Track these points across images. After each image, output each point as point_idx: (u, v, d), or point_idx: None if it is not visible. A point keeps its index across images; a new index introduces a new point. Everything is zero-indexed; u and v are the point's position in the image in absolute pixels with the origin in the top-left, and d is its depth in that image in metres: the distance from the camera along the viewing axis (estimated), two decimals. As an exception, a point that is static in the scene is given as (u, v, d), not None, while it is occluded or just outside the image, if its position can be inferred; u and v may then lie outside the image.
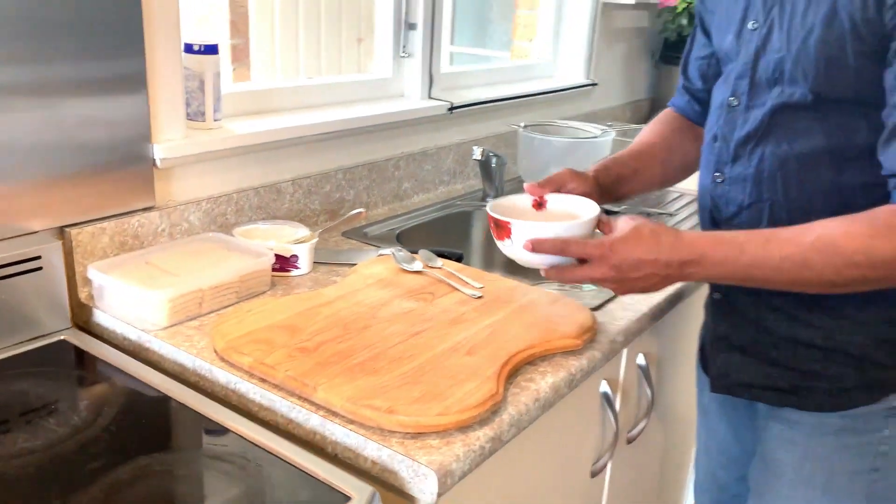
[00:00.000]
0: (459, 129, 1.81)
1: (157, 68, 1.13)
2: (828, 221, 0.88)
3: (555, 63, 2.26)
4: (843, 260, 0.85)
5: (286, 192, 1.40)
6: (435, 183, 1.76)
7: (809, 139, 0.94)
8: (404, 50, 1.69)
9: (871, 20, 0.85)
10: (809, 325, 1.00)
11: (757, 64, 0.98)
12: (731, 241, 0.90)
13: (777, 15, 0.95)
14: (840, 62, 0.89)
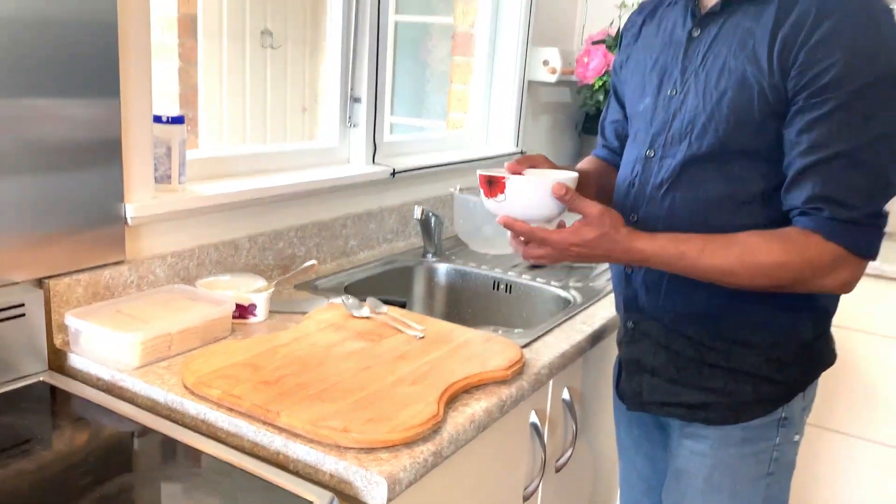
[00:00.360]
0: (401, 191, 1.98)
1: (131, 137, 1.27)
2: (750, 237, 1.06)
3: (486, 133, 2.46)
4: (762, 271, 1.05)
5: (243, 248, 1.53)
6: (379, 240, 1.92)
7: (713, 186, 1.12)
8: (350, 121, 1.86)
9: (776, 86, 1.04)
10: (713, 349, 1.17)
11: (673, 122, 1.16)
12: (673, 249, 1.08)
13: (693, 83, 1.14)
14: (747, 119, 1.07)
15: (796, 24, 1.02)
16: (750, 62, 1.07)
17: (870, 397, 2.17)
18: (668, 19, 1.24)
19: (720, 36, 1.12)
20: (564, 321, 1.49)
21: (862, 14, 1.00)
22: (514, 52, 2.38)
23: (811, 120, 1.02)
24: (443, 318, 1.57)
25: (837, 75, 0.99)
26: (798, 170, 1.04)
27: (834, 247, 1.02)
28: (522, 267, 1.87)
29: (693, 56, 1.15)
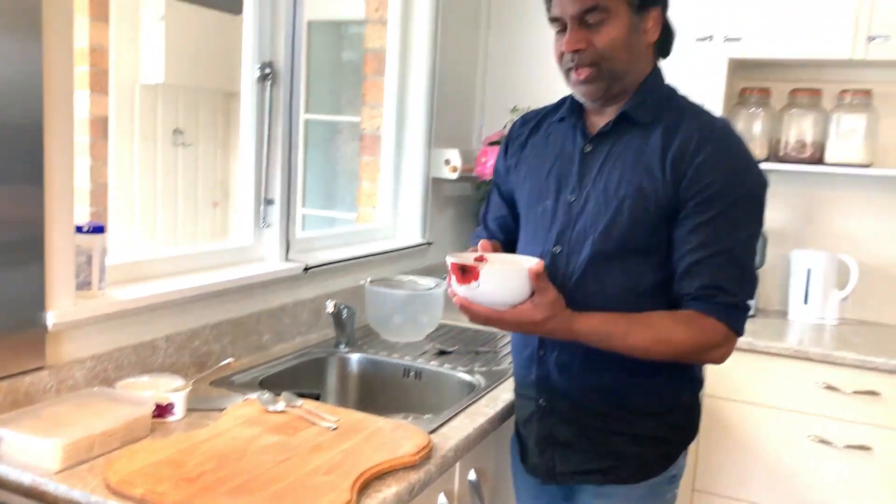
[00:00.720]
0: (314, 285, 2.08)
1: (54, 247, 1.33)
2: (662, 319, 1.26)
3: (395, 226, 2.61)
4: (672, 348, 1.26)
5: (160, 348, 1.59)
6: (292, 334, 2.00)
7: (614, 280, 1.31)
8: (264, 221, 1.96)
9: (668, 195, 1.27)
10: (618, 419, 1.36)
11: (576, 224, 1.34)
12: (604, 331, 1.25)
13: (591, 190, 1.33)
14: (643, 222, 1.28)
15: (682, 147, 1.27)
16: (645, 175, 1.29)
17: (746, 461, 2.36)
18: (556, 133, 1.45)
19: (613, 152, 1.34)
20: (469, 405, 1.61)
21: (731, 144, 1.29)
22: (419, 152, 2.56)
23: (699, 223, 1.25)
24: (356, 407, 1.66)
25: (718, 190, 1.24)
26: (691, 262, 1.26)
27: (722, 327, 1.25)
28: (431, 354, 1.99)
29: (589, 168, 1.35)
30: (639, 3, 1.29)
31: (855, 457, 2.24)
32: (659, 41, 1.35)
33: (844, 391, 2.24)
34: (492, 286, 1.19)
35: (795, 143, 2.62)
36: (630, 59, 1.31)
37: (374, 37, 2.61)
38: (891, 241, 2.65)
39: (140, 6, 3.12)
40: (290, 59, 1.92)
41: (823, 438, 2.27)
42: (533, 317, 1.21)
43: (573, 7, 1.27)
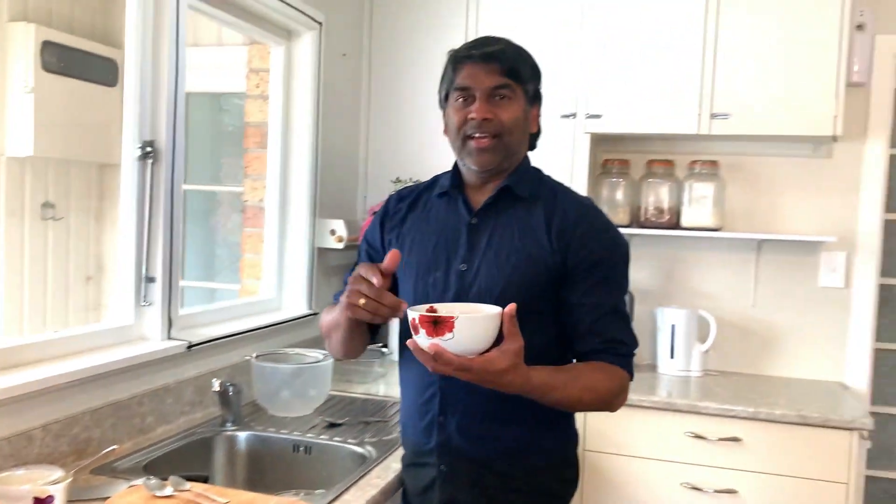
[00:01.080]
0: (198, 363, 2.05)
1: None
2: (586, 370, 1.40)
3: (280, 297, 2.62)
4: (598, 397, 1.39)
5: (37, 437, 1.52)
6: (176, 414, 1.95)
7: None
8: (145, 299, 1.93)
9: (556, 262, 1.42)
10: (516, 478, 1.46)
11: (470, 290, 1.43)
12: (550, 384, 1.32)
13: (482, 259, 1.44)
14: (535, 286, 1.41)
15: (563, 221, 1.44)
16: (533, 245, 1.43)
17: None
18: (437, 209, 1.55)
19: (500, 224, 1.47)
20: (360, 478, 1.63)
21: (602, 217, 1.49)
22: (303, 223, 2.60)
23: (589, 285, 1.42)
24: (246, 486, 1.64)
25: (601, 257, 1.43)
26: (592, 321, 1.42)
27: (626, 374, 1.42)
28: (320, 427, 1.99)
29: (478, 239, 1.47)
30: (531, 97, 1.49)
31: (723, 501, 2.40)
32: (534, 134, 1.55)
33: (710, 438, 2.41)
34: (467, 335, 1.19)
35: (654, 210, 2.86)
36: (520, 140, 1.49)
37: (255, 111, 2.66)
38: (742, 297, 2.91)
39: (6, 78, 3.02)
40: (172, 137, 1.93)
41: (694, 485, 2.42)
42: (498, 365, 1.22)
43: (488, 81, 1.42)
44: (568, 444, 1.55)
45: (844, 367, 2.82)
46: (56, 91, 3.11)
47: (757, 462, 2.38)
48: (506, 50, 1.45)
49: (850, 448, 2.31)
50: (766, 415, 2.36)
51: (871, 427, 2.31)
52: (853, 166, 2.78)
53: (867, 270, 2.78)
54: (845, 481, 2.32)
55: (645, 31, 2.65)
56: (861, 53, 2.69)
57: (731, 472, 2.40)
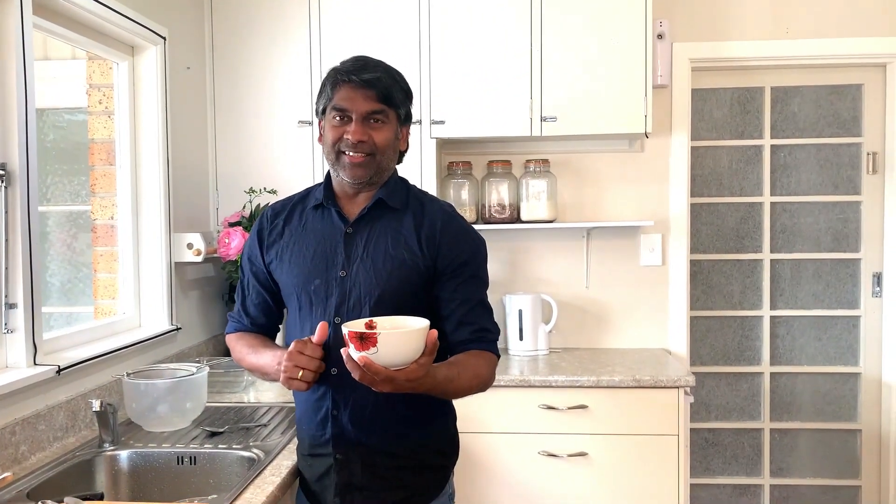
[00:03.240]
0: (67, 387, 2.00)
1: None
2: (468, 360, 1.56)
3: (139, 315, 2.58)
4: (482, 381, 1.59)
5: None
6: (49, 440, 1.91)
7: None
8: (6, 327, 1.87)
9: (427, 265, 1.58)
10: (404, 456, 1.62)
11: (350, 295, 1.57)
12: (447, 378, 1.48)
13: (360, 265, 1.58)
14: (409, 289, 1.57)
15: (431, 227, 1.61)
16: (405, 251, 1.58)
17: (495, 485, 2.70)
18: (312, 220, 1.67)
19: (374, 233, 1.61)
20: (255, 477, 1.70)
21: (463, 223, 1.67)
22: (158, 239, 2.58)
23: (458, 284, 1.60)
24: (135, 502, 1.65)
25: (467, 259, 1.61)
26: (462, 315, 1.60)
27: (495, 358, 1.63)
28: (201, 437, 2.02)
29: (354, 247, 1.60)
30: (403, 119, 1.63)
31: (576, 463, 2.68)
32: (403, 151, 1.70)
33: (560, 408, 2.68)
34: (390, 349, 1.32)
35: (497, 206, 3.10)
36: (391, 158, 1.63)
37: (100, 127, 2.59)
38: (576, 280, 3.23)
39: None
40: (26, 158, 1.88)
41: (550, 452, 2.68)
42: (416, 374, 1.37)
43: (365, 106, 1.55)
44: (446, 421, 1.72)
45: (667, 334, 3.21)
46: None
47: (602, 425, 2.68)
48: (382, 77, 1.57)
49: (678, 404, 2.67)
50: (607, 381, 2.66)
51: (693, 384, 2.67)
52: (662, 158, 3.18)
53: (679, 249, 3.19)
54: (675, 433, 2.67)
55: (481, 42, 2.87)
56: (662, 59, 3.08)
57: (581, 437, 2.68)
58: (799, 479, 3.34)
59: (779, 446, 3.35)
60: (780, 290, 3.32)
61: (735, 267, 3.33)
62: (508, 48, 2.86)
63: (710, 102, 3.30)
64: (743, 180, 3.31)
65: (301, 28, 2.91)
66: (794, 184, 3.30)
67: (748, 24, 3.14)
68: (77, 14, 2.15)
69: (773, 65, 3.21)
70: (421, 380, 1.39)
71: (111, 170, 2.57)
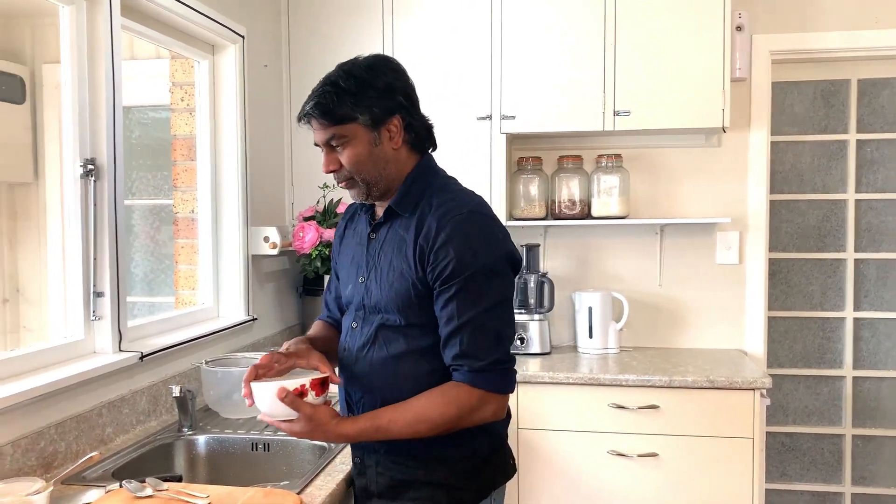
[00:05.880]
0: (149, 373, 2.09)
1: None
2: (419, 400, 1.43)
3: (218, 306, 2.67)
4: (434, 424, 1.43)
5: (6, 454, 1.55)
6: (132, 423, 2.00)
7: (397, 345, 1.50)
8: (95, 314, 1.96)
9: (421, 279, 1.46)
10: (417, 468, 1.51)
11: (365, 301, 1.54)
12: (372, 429, 1.43)
13: (373, 274, 1.53)
14: (409, 303, 1.48)
15: (426, 235, 1.45)
16: (404, 262, 1.48)
17: (562, 482, 2.68)
18: (359, 223, 1.65)
19: (386, 240, 1.53)
20: (326, 465, 1.73)
21: (465, 225, 1.44)
22: (236, 232, 2.66)
23: (445, 300, 1.44)
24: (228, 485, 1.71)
25: (453, 268, 1.42)
26: (445, 336, 1.45)
27: (478, 391, 1.43)
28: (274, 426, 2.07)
29: (373, 253, 1.55)
30: (372, 122, 1.46)
31: (646, 463, 2.64)
32: (412, 139, 1.52)
33: (631, 408, 2.64)
34: (260, 402, 1.42)
35: (567, 202, 3.07)
36: (378, 167, 1.49)
37: (182, 124, 2.69)
38: (649, 277, 3.17)
39: None
40: (113, 153, 1.97)
41: (619, 452, 2.64)
42: (297, 431, 1.41)
43: (319, 137, 1.49)
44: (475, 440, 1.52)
45: (743, 335, 3.12)
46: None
47: (674, 426, 2.62)
48: (319, 101, 1.45)
49: (753, 406, 2.59)
50: (679, 382, 2.60)
51: (769, 386, 2.59)
52: (741, 153, 3.09)
53: (757, 247, 3.09)
54: (750, 436, 2.59)
55: (553, 36, 2.85)
56: (741, 52, 2.99)
57: (652, 437, 2.64)
58: (884, 488, 3.20)
59: (861, 453, 3.21)
60: (865, 290, 3.18)
61: (816, 266, 3.21)
62: (581, 40, 2.83)
63: (791, 96, 3.19)
64: (826, 176, 3.19)
65: (374, 25, 2.94)
66: (881, 180, 3.16)
67: (832, 14, 3.02)
68: (161, 14, 2.23)
69: (860, 56, 3.08)
70: (310, 435, 1.42)
71: (192, 165, 2.67)
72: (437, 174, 1.57)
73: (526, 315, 3.00)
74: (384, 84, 1.47)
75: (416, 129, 1.53)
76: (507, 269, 1.49)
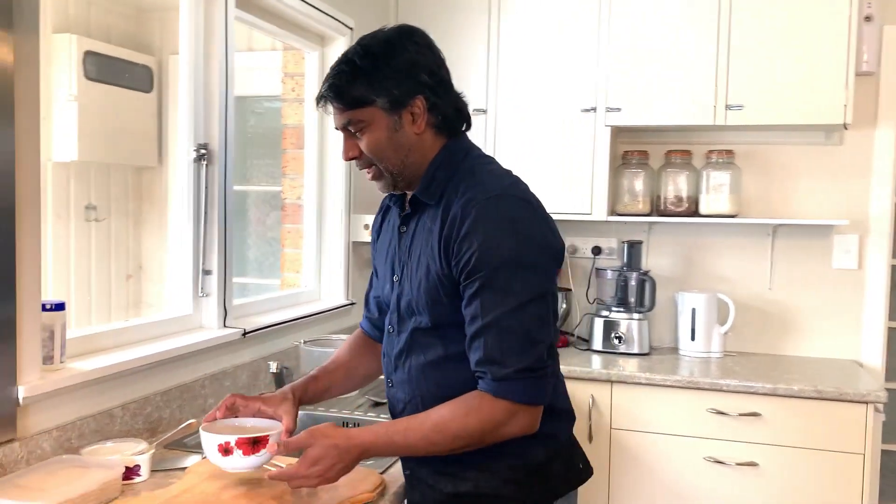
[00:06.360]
0: (251, 349, 2.20)
1: (24, 326, 1.42)
2: (440, 410, 1.29)
3: (320, 289, 2.76)
4: (452, 436, 1.27)
5: (117, 416, 1.67)
6: (233, 397, 2.10)
7: (434, 351, 1.37)
8: (203, 291, 2.08)
9: (448, 275, 1.31)
10: (465, 480, 1.38)
11: (399, 304, 1.41)
12: (384, 435, 1.29)
13: (405, 273, 1.39)
14: (438, 301, 1.33)
15: (451, 224, 1.29)
16: (431, 257, 1.32)
17: (654, 485, 2.61)
18: (392, 216, 1.51)
19: (416, 233, 1.38)
20: (411, 448, 1.76)
21: (493, 212, 1.27)
22: (339, 219, 2.74)
23: (469, 297, 1.28)
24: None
25: (476, 261, 1.25)
26: (468, 338, 1.29)
27: (503, 403, 1.25)
28: (366, 406, 2.14)
29: (404, 249, 1.41)
30: (391, 105, 1.31)
31: (745, 473, 2.53)
32: (439, 122, 1.36)
33: (731, 414, 2.53)
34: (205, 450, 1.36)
35: (673, 198, 2.98)
36: (400, 154, 1.34)
37: (291, 114, 2.80)
38: (758, 280, 3.03)
39: (51, 87, 3.17)
40: (224, 139, 2.08)
41: (717, 459, 2.55)
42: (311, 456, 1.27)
43: (337, 122, 1.36)
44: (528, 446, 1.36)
45: (859, 345, 2.93)
46: (96, 98, 3.26)
47: (776, 435, 2.50)
48: (333, 83, 1.32)
49: (866, 420, 2.43)
50: (784, 390, 2.48)
51: (885, 400, 2.42)
52: (864, 152, 2.90)
53: (879, 252, 2.90)
54: (861, 452, 2.44)
55: (661, 26, 2.77)
56: (869, 43, 2.80)
57: (752, 446, 2.52)
58: None
59: None
60: None
61: (947, 275, 2.98)
62: (693, 30, 2.73)
63: (926, 91, 2.96)
64: (963, 178, 2.94)
65: (481, 16, 2.95)
66: None
67: (978, 1, 2.78)
68: (275, 7, 2.33)
69: None
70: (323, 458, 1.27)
71: (300, 153, 2.77)
72: (467, 155, 1.39)
73: (625, 314, 2.94)
74: (405, 61, 1.31)
75: (442, 111, 1.36)
76: (543, 261, 1.30)
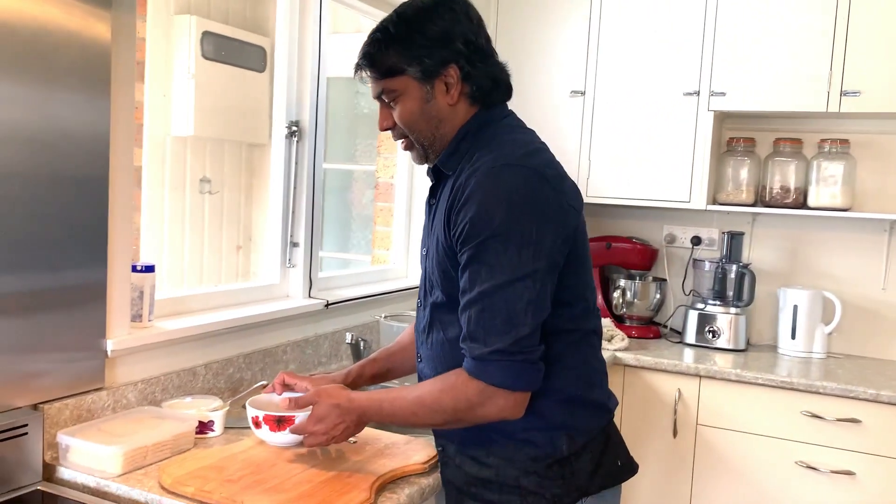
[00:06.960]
0: (333, 320, 2.28)
1: (114, 285, 1.54)
2: (426, 384, 1.28)
3: (407, 267, 2.82)
4: (429, 411, 1.26)
5: (200, 374, 1.78)
6: (314, 364, 2.19)
7: (453, 329, 1.30)
8: (289, 262, 2.17)
9: (450, 246, 1.25)
10: (488, 466, 1.33)
11: (425, 278, 1.38)
12: (377, 401, 1.32)
13: (430, 243, 1.35)
14: (447, 275, 1.28)
15: (455, 193, 1.24)
16: (440, 229, 1.28)
17: (739, 486, 2.50)
18: None
19: (438, 205, 1.34)
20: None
21: (492, 182, 1.19)
22: (429, 198, 2.78)
23: (461, 269, 1.23)
24: (373, 427, 1.82)
25: (468, 231, 1.20)
26: (459, 311, 1.24)
27: (476, 383, 1.20)
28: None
29: (429, 221, 1.39)
30: (424, 74, 1.27)
31: (840, 481, 2.39)
32: (473, 91, 1.31)
33: (828, 419, 2.39)
34: None
35: (780, 189, 2.82)
36: (431, 126, 1.31)
37: (389, 94, 2.85)
38: (871, 279, 2.83)
39: (172, 65, 3.37)
40: (315, 118, 2.15)
41: (809, 464, 2.42)
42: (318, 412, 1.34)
43: (373, 91, 1.33)
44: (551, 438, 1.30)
45: (983, 355, 2.69)
46: (213, 76, 3.44)
47: (877, 445, 2.34)
48: (368, 52, 1.30)
49: (981, 436, 2.24)
50: (888, 398, 2.31)
51: None
52: None
53: None
54: (974, 470, 2.25)
55: (773, 6, 2.62)
56: None
57: (849, 454, 2.38)
58: None
59: None
60: None
61: None
62: (807, 10, 2.57)
63: None
64: None
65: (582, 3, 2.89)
66: None
67: None
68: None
69: None
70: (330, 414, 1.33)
71: (393, 132, 2.82)
72: (492, 123, 1.32)
73: (721, 307, 2.83)
74: (440, 29, 1.27)
75: (477, 80, 1.30)
76: (540, 237, 1.19)
